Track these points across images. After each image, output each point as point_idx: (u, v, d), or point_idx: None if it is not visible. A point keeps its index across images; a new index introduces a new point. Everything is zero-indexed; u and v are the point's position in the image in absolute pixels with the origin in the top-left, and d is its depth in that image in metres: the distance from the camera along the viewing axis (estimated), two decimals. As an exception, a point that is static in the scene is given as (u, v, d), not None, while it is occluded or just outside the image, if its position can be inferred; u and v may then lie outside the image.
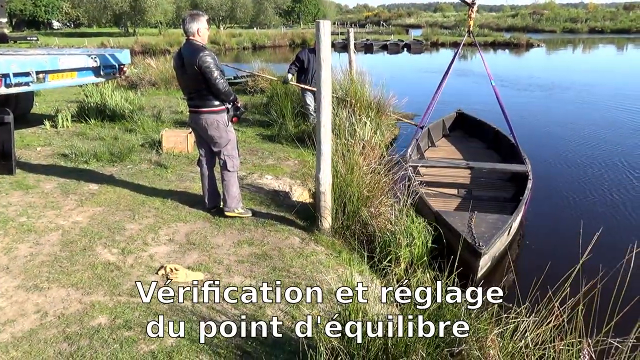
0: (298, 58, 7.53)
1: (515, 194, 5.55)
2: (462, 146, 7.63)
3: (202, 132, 4.04)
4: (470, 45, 29.22)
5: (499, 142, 7.28)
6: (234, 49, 37.32)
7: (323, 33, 3.64)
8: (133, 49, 29.91)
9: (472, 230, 4.21)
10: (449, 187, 5.89)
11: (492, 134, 7.58)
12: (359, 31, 49.29)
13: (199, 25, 3.80)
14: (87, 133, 7.18)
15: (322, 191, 3.95)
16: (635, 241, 2.24)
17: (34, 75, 5.83)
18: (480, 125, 8.03)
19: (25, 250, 3.53)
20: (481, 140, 7.79)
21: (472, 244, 3.94)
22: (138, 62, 14.33)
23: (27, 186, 4.84)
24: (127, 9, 47.82)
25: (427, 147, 7.57)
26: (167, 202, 4.51)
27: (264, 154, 6.40)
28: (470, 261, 3.99)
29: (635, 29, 47.87)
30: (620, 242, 4.56)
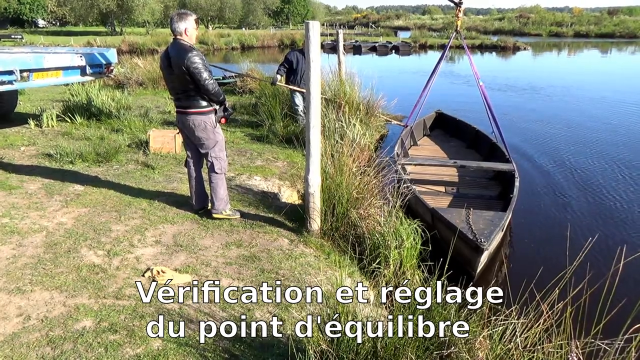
0: (287, 59, 7.50)
1: (501, 192, 5.64)
2: (443, 145, 7.78)
3: (189, 133, 3.99)
4: (458, 48, 29.52)
5: (479, 141, 7.41)
6: (222, 49, 37.14)
7: (312, 34, 3.62)
8: (120, 49, 29.63)
9: (472, 227, 4.22)
10: (437, 185, 5.97)
11: (472, 133, 7.70)
12: (348, 32, 49.44)
13: (187, 24, 3.74)
14: (73, 133, 7.07)
15: (311, 193, 3.93)
16: (624, 245, 2.26)
17: (17, 74, 5.72)
18: (459, 125, 8.19)
19: (8, 252, 3.45)
20: (461, 140, 7.94)
21: (473, 240, 3.97)
22: (125, 62, 14.16)
23: (10, 187, 4.75)
24: (114, 8, 47.35)
25: (410, 145, 7.71)
26: (154, 203, 4.45)
27: (253, 154, 6.36)
28: (470, 257, 4.02)
29: (619, 34, 48.68)
30: (607, 244, 4.62)
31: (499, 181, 6.02)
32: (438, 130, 8.54)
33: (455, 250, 4.05)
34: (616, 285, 2.02)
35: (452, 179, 6.24)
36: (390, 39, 42.30)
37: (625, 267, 2.15)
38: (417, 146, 7.81)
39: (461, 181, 6.19)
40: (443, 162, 6.49)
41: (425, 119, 8.48)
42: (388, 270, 3.64)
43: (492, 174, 6.29)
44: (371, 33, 51.19)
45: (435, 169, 6.46)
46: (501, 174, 6.02)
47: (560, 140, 9.01)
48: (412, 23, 72.02)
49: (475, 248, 3.94)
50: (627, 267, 2.20)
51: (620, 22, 54.03)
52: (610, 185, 6.51)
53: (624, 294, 2.19)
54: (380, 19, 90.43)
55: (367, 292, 3.30)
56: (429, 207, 4.64)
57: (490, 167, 6.10)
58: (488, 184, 6.08)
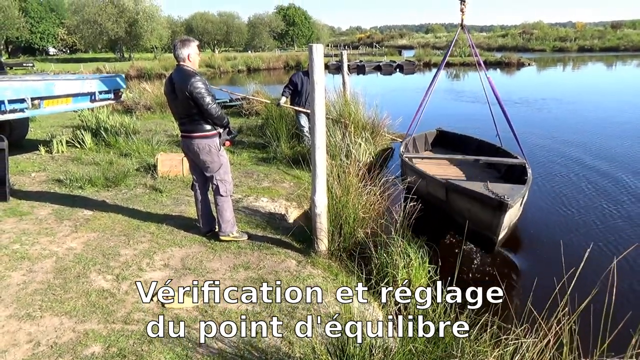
0: (292, 81, 7.61)
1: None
2: (447, 156, 7.70)
3: (194, 157, 4.04)
4: (462, 65, 29.61)
5: (484, 149, 7.32)
6: (228, 72, 37.65)
7: (316, 56, 3.69)
8: (129, 74, 30.21)
9: (492, 191, 4.14)
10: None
11: (475, 144, 7.61)
12: (352, 53, 49.94)
13: (190, 50, 3.83)
14: (82, 158, 7.18)
15: (318, 213, 3.94)
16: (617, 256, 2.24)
17: (29, 102, 5.85)
18: (462, 139, 8.09)
19: (18, 278, 3.48)
20: (465, 153, 7.85)
21: (496, 198, 3.87)
22: (133, 87, 14.42)
23: (21, 213, 4.81)
24: (122, 35, 48.35)
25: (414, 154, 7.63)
26: (162, 226, 4.49)
27: (260, 176, 6.41)
28: (492, 220, 3.91)
29: (624, 47, 48.78)
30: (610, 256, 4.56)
31: (508, 179, 5.86)
32: (439, 147, 8.49)
33: (472, 221, 4.01)
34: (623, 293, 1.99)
35: (458, 177, 6.09)
36: (395, 58, 42.66)
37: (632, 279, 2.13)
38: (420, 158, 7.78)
39: (468, 178, 6.02)
40: (450, 157, 6.37)
41: (427, 134, 8.44)
42: (397, 290, 3.61)
43: (503, 172, 6.18)
44: (375, 53, 51.72)
45: (441, 168, 6.30)
46: (510, 171, 5.92)
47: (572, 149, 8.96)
48: (415, 42, 72.63)
49: (499, 205, 3.81)
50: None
51: (624, 36, 54.18)
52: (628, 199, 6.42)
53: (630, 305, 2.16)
54: (384, 38, 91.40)
55: (376, 312, 3.29)
56: (442, 182, 4.52)
57: (502, 161, 6.00)
58: (498, 181, 5.99)
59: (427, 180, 4.90)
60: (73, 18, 49.19)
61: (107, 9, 46.72)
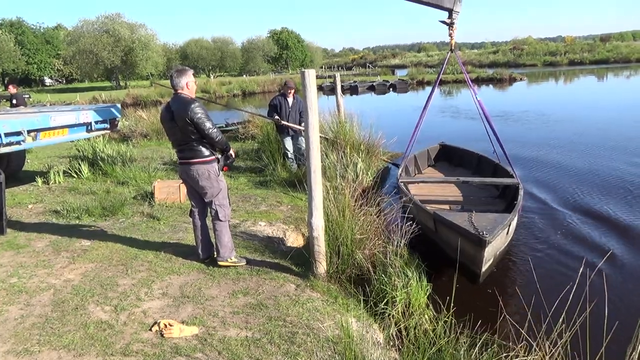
0: (271, 105, 7.72)
1: (506, 207, 5.59)
2: (448, 174, 7.77)
3: (193, 183, 4.06)
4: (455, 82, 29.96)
5: (482, 165, 7.42)
6: (224, 96, 37.94)
7: (308, 82, 3.74)
8: (125, 102, 30.41)
9: (474, 224, 4.15)
10: (441, 204, 5.95)
11: (475, 159, 7.72)
12: (346, 74, 50.51)
13: (187, 79, 3.92)
14: (79, 188, 7.19)
15: (315, 236, 3.94)
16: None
17: (25, 134, 5.89)
18: (464, 154, 8.21)
19: (16, 312, 3.46)
20: (466, 168, 7.94)
21: (475, 233, 3.89)
22: (129, 114, 14.52)
23: (18, 245, 4.80)
24: (118, 63, 48.94)
25: (415, 173, 7.73)
26: (160, 254, 4.48)
27: (257, 200, 6.42)
28: (474, 254, 3.93)
29: (613, 59, 49.56)
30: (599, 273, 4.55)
31: (504, 198, 5.99)
32: (443, 162, 8.56)
33: (460, 253, 4.02)
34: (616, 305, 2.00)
35: (456, 198, 6.21)
36: (388, 77, 43.14)
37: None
38: (421, 174, 7.86)
39: (465, 200, 6.16)
40: (445, 179, 6.51)
41: (429, 150, 8.53)
42: (396, 310, 3.60)
43: (497, 192, 6.28)
44: (369, 73, 52.32)
45: (439, 189, 6.45)
46: (505, 191, 6.00)
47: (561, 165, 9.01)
48: (408, 61, 73.60)
49: (478, 241, 3.85)
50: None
51: (613, 48, 55.11)
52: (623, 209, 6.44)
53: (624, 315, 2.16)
54: (377, 58, 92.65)
55: (377, 333, 3.27)
56: (430, 213, 4.59)
57: (493, 181, 6.09)
58: (492, 202, 6.04)
59: (418, 209, 4.97)
60: (69, 49, 49.89)
61: (103, 39, 47.40)
